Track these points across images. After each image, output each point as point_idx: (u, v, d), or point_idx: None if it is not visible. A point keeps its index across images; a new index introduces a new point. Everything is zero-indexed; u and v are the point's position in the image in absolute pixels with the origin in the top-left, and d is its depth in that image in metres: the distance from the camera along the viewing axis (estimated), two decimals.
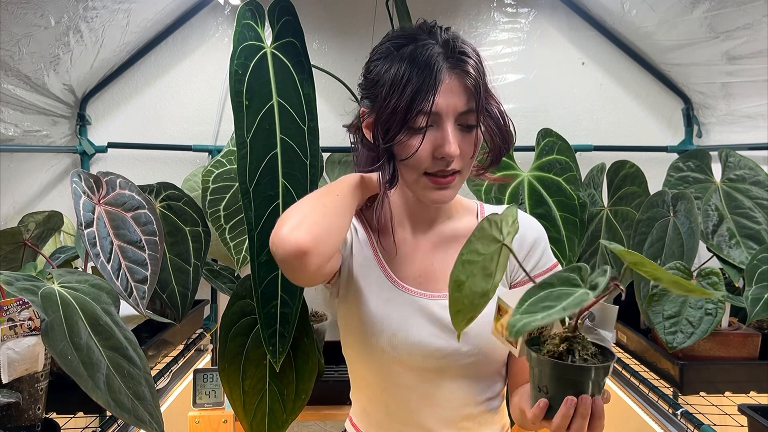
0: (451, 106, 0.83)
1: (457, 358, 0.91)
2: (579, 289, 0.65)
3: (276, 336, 1.27)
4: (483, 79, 0.85)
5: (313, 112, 1.25)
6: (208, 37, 1.96)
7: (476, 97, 0.84)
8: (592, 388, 0.70)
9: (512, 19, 1.98)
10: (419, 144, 0.83)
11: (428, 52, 0.82)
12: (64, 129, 1.86)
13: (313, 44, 1.96)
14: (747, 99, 1.68)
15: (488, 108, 0.87)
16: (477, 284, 0.69)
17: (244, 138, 1.18)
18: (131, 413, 0.88)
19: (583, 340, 0.72)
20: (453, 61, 0.83)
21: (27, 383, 0.96)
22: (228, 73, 1.17)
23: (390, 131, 0.84)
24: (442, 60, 0.82)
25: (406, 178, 0.89)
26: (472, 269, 0.68)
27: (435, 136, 0.84)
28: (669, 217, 1.46)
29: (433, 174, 0.86)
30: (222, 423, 1.61)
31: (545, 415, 0.72)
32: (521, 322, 0.62)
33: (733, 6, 1.41)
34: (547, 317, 0.61)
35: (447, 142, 0.83)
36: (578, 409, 0.69)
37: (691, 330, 1.25)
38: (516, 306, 0.65)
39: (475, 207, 1.04)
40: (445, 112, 0.83)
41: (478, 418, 0.96)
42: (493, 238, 0.68)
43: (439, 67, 0.81)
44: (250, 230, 1.21)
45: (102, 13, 1.54)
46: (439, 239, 0.98)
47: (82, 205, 1.16)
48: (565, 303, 0.63)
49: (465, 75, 0.83)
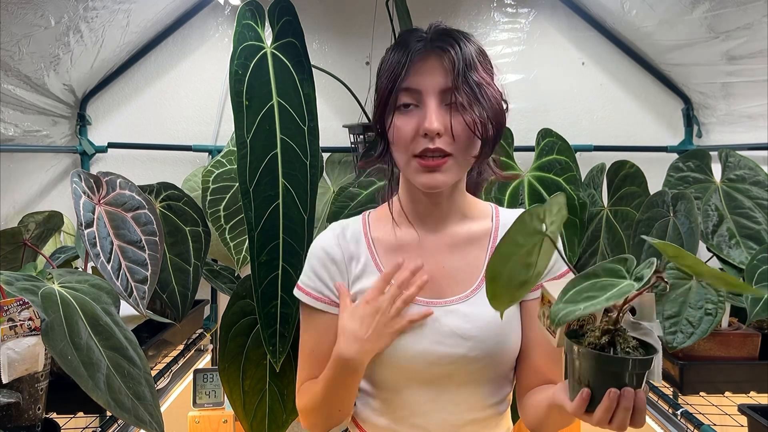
0: (430, 83, 0.85)
1: (464, 363, 0.90)
2: (624, 281, 0.65)
3: (276, 336, 1.27)
4: (467, 58, 0.85)
5: (313, 112, 1.25)
6: (208, 37, 1.96)
7: (452, 74, 0.85)
8: (635, 381, 0.69)
9: (512, 19, 1.98)
10: (404, 124, 0.87)
11: (415, 38, 0.87)
12: (64, 129, 1.86)
13: (313, 44, 1.96)
14: (747, 99, 1.68)
15: (480, 89, 0.86)
16: (516, 275, 0.68)
17: (244, 138, 1.18)
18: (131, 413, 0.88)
19: (624, 333, 0.72)
20: (434, 42, 0.86)
21: (27, 383, 0.96)
22: (228, 73, 1.17)
23: (378, 114, 0.90)
24: (422, 43, 0.87)
25: (400, 162, 0.91)
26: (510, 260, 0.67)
27: (419, 114, 0.86)
28: (669, 217, 1.46)
29: (421, 156, 0.86)
30: (222, 423, 1.61)
31: (586, 409, 0.71)
32: (563, 311, 0.62)
33: (733, 6, 1.41)
34: (590, 307, 0.61)
35: (426, 118, 0.84)
36: (621, 402, 0.69)
37: (691, 330, 1.25)
38: (559, 295, 0.65)
39: (491, 210, 1.01)
40: (424, 90, 0.85)
41: (484, 422, 0.95)
42: (534, 229, 0.68)
43: (415, 47, 0.86)
44: (250, 230, 1.21)
45: (102, 13, 1.54)
46: (453, 241, 0.96)
47: (82, 205, 1.16)
48: (609, 294, 0.62)
49: (443, 53, 0.86)
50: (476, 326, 0.90)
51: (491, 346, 0.90)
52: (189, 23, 1.94)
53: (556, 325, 0.62)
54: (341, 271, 0.96)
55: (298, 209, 1.24)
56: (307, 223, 1.25)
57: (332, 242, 0.97)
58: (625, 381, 0.69)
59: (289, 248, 1.23)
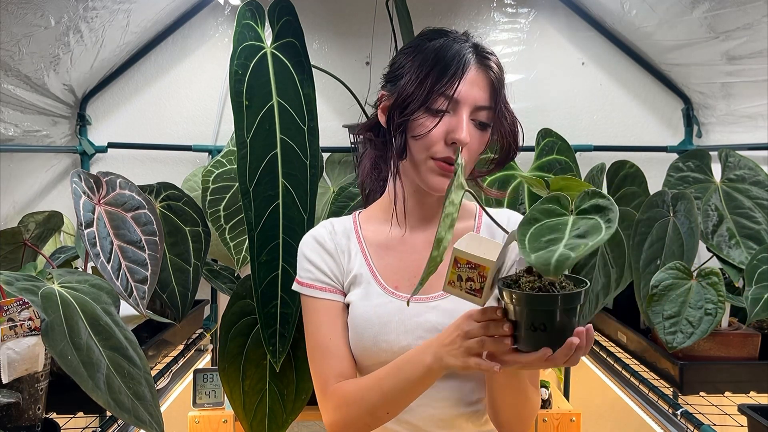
0: (471, 96, 0.87)
1: None
2: (567, 217, 0.66)
3: (276, 336, 1.27)
4: (502, 81, 0.91)
5: (313, 112, 1.25)
6: (208, 37, 1.96)
7: (496, 95, 0.89)
8: (570, 316, 0.71)
9: (512, 19, 1.98)
10: (434, 125, 0.87)
11: (459, 45, 0.89)
12: (64, 129, 1.86)
13: (313, 44, 1.96)
14: (747, 99, 1.68)
15: (504, 113, 0.92)
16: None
17: (244, 138, 1.18)
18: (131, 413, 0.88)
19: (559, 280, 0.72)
20: (480, 58, 0.89)
21: (27, 383, 0.96)
22: (228, 73, 1.17)
23: (409, 107, 0.88)
24: (471, 54, 0.88)
25: (415, 156, 0.91)
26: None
27: (450, 121, 0.88)
28: (669, 217, 1.46)
29: (441, 159, 0.89)
30: (222, 423, 1.61)
31: (523, 349, 0.72)
32: (558, 254, 0.59)
33: (733, 6, 1.41)
34: (587, 248, 0.60)
35: (460, 128, 0.86)
36: (583, 342, 0.70)
37: (691, 330, 1.25)
38: (524, 251, 0.63)
39: (475, 209, 1.04)
40: (464, 101, 0.87)
41: (472, 417, 0.96)
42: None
43: (468, 58, 0.88)
44: (250, 230, 1.21)
45: (102, 13, 1.54)
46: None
47: (82, 205, 1.16)
48: (595, 240, 0.61)
49: (489, 71, 0.89)
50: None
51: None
52: (189, 23, 1.94)
53: (555, 271, 0.59)
54: (337, 262, 0.97)
55: (298, 209, 1.24)
56: (307, 223, 1.25)
57: (324, 235, 0.99)
58: (576, 314, 0.71)
59: (289, 248, 1.23)
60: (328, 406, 0.93)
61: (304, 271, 0.97)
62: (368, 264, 0.97)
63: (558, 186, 0.72)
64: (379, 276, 0.96)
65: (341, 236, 0.99)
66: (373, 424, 0.90)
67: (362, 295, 0.95)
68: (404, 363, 0.85)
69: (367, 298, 0.94)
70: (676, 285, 1.30)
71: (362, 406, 0.88)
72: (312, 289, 0.96)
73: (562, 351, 0.70)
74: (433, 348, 0.82)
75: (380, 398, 0.87)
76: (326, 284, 0.96)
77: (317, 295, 0.96)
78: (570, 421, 1.61)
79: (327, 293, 0.96)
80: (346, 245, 0.99)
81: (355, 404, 0.89)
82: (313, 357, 0.96)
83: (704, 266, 1.31)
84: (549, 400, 1.62)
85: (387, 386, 0.86)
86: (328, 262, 0.97)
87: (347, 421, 0.90)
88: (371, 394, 0.88)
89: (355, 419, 0.90)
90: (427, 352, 0.82)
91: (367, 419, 0.89)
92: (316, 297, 0.96)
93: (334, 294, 0.96)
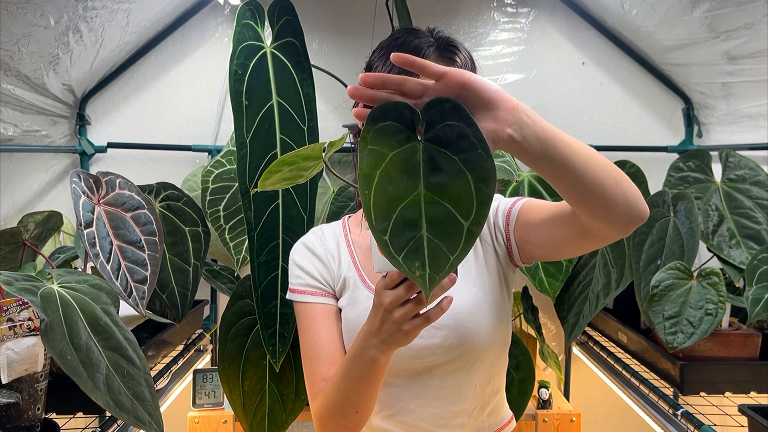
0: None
1: (442, 354, 0.91)
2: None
3: (276, 336, 1.27)
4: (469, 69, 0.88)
5: (313, 112, 1.25)
6: (208, 37, 1.96)
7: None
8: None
9: (512, 19, 1.98)
10: None
11: (419, 41, 0.88)
12: (63, 129, 1.86)
13: (313, 44, 1.96)
14: (747, 99, 1.68)
15: None
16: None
17: (244, 138, 1.18)
18: (131, 413, 0.88)
19: None
20: (442, 51, 0.88)
21: (27, 383, 0.96)
22: (228, 73, 1.17)
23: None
24: (431, 47, 0.87)
25: None
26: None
27: None
28: (669, 217, 1.46)
29: None
30: (222, 423, 1.61)
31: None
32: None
33: (733, 6, 1.41)
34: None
35: None
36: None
37: (691, 330, 1.25)
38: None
39: None
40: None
41: (473, 414, 0.95)
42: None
43: (427, 51, 0.86)
44: (249, 230, 1.21)
45: (102, 13, 1.54)
46: None
47: (81, 205, 1.16)
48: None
49: (452, 64, 0.87)
50: (448, 314, 0.89)
51: (465, 333, 0.90)
52: (189, 23, 1.94)
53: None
54: (327, 267, 0.97)
55: (298, 209, 1.24)
56: (307, 223, 1.25)
57: (314, 241, 1.00)
58: None
59: (289, 248, 1.23)
60: (312, 411, 0.93)
61: (294, 277, 0.98)
62: (356, 267, 0.97)
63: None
64: (367, 279, 0.96)
65: (331, 241, 1.00)
66: (351, 426, 0.88)
67: (352, 300, 0.95)
68: (351, 363, 0.83)
69: (357, 303, 0.94)
70: (677, 285, 1.30)
71: (331, 409, 0.88)
72: (303, 295, 0.96)
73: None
74: (370, 341, 0.78)
75: (343, 400, 0.86)
76: (317, 288, 0.96)
77: (308, 300, 0.96)
78: (570, 422, 1.60)
79: (318, 297, 0.96)
80: (336, 249, 0.99)
81: (326, 408, 0.89)
82: (304, 362, 0.96)
83: (705, 266, 1.31)
84: (549, 400, 1.62)
85: (345, 388, 0.85)
86: (318, 267, 0.97)
87: (327, 425, 0.90)
88: (334, 396, 0.87)
89: (330, 423, 0.89)
90: (367, 347, 0.79)
91: (341, 422, 0.88)
92: (306, 302, 0.96)
93: (325, 298, 0.96)
